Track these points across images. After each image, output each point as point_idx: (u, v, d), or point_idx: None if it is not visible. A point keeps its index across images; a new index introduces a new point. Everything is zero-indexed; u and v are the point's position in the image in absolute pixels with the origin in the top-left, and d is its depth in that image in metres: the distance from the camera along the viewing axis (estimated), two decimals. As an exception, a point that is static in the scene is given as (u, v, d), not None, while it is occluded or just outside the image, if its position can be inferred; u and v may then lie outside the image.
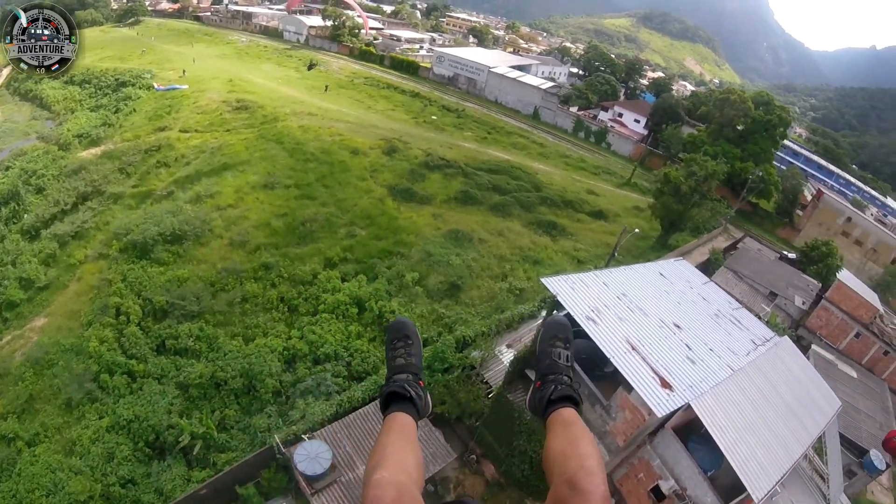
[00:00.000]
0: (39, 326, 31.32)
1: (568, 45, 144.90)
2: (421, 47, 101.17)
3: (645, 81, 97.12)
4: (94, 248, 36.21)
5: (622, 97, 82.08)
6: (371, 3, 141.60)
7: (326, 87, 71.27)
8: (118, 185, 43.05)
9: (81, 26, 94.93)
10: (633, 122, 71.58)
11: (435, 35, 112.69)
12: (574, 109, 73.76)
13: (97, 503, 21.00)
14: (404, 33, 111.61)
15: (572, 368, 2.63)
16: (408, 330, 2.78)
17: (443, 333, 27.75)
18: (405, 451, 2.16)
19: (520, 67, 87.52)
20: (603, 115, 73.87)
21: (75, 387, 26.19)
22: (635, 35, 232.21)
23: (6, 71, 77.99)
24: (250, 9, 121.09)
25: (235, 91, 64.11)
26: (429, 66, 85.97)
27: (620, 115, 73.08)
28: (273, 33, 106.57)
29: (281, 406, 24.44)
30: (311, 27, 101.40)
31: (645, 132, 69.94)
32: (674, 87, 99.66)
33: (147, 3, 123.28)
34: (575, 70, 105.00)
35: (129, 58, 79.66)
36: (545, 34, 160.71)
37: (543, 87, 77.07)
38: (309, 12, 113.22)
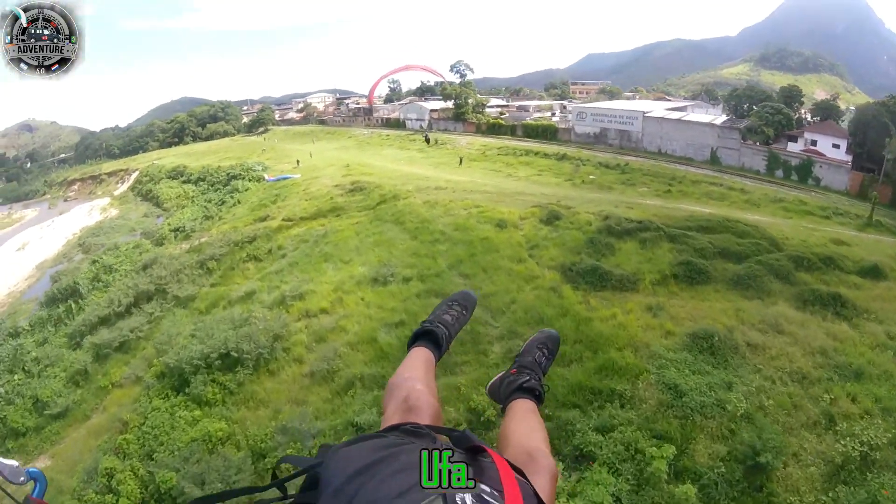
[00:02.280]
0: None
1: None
2: (553, 114, 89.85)
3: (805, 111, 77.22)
4: (133, 367, 25.06)
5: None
6: (485, 88, 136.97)
7: (461, 159, 60.61)
8: (189, 283, 32.52)
9: (214, 137, 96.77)
10: (832, 149, 53.32)
11: (564, 102, 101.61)
12: (757, 145, 57.00)
13: None
14: (531, 103, 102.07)
15: (545, 376, 2.45)
16: (469, 303, 2.59)
17: None
18: (433, 382, 2.13)
19: (675, 110, 72.12)
20: (792, 147, 56.30)
21: None
22: (757, 79, 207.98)
23: (135, 175, 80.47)
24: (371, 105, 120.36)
25: (351, 174, 54.87)
26: (567, 128, 73.50)
27: (814, 142, 55.11)
28: (395, 124, 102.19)
29: None
30: (432, 111, 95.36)
31: (848, 158, 51.52)
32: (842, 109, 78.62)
33: (276, 115, 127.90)
34: (725, 116, 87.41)
35: (249, 157, 76.83)
36: (666, 96, 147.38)
37: (717, 122, 60.58)
38: (427, 100, 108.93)
